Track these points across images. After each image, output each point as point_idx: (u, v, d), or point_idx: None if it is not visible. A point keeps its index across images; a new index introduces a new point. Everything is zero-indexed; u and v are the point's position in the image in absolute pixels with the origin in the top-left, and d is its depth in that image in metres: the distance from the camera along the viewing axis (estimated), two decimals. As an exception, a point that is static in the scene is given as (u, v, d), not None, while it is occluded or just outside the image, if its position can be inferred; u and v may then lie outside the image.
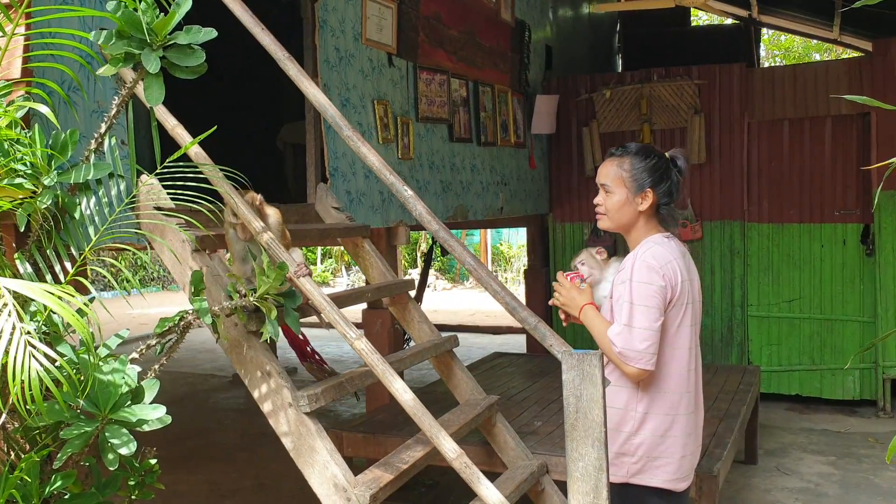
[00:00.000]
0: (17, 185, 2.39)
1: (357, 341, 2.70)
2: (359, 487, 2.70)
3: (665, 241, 2.59)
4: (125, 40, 2.25)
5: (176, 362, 9.97)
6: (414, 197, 2.87)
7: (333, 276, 18.69)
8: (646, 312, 2.44)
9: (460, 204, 6.05)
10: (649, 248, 2.54)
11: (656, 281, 2.46)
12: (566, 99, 7.84)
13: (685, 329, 2.55)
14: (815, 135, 7.10)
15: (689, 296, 2.56)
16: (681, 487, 2.61)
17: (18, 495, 2.11)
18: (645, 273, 2.47)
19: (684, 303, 2.53)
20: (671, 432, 2.54)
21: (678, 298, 2.51)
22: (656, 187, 2.58)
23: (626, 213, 2.61)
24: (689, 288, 2.55)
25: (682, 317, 2.53)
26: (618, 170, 2.61)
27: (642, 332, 2.44)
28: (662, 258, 2.51)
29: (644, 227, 2.62)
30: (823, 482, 5.36)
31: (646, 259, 2.50)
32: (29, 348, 1.81)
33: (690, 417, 2.60)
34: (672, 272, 2.50)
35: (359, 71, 4.82)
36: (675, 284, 2.50)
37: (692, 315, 2.57)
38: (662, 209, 2.62)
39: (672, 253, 2.55)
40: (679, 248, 2.63)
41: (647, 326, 2.44)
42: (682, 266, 2.55)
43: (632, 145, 2.66)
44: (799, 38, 17.44)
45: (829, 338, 7.11)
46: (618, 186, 2.60)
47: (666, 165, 2.61)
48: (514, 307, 2.67)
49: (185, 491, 5.38)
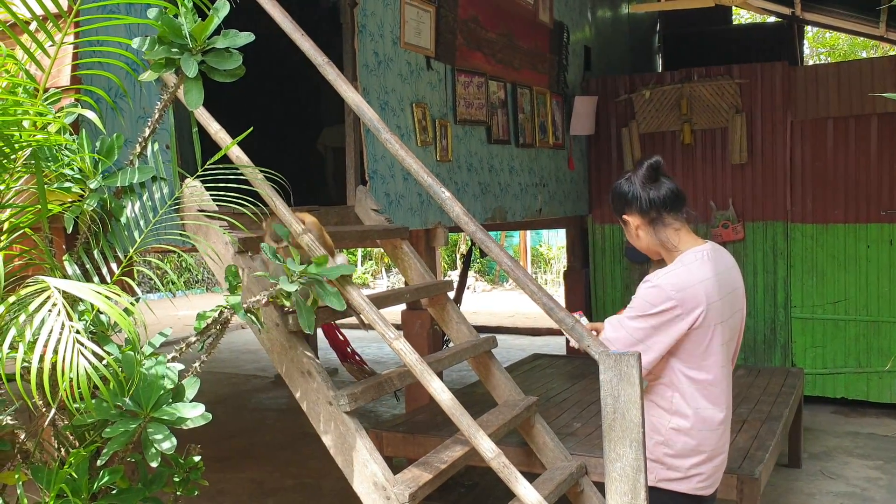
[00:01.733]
0: (65, 188, 2.46)
1: (395, 341, 2.73)
2: (398, 486, 2.73)
3: (699, 257, 2.53)
4: (166, 46, 2.32)
5: (219, 363, 10.14)
6: (451, 199, 2.89)
7: (373, 278, 18.80)
8: (639, 322, 2.46)
9: (499, 206, 6.06)
10: (674, 269, 2.51)
11: (661, 305, 2.43)
12: (605, 100, 7.81)
13: (715, 348, 2.48)
14: (861, 133, 6.97)
15: (719, 315, 2.48)
16: (706, 493, 2.59)
17: (68, 489, 2.17)
18: (654, 296, 2.45)
19: (712, 324, 2.46)
20: (702, 447, 2.52)
21: (703, 321, 2.44)
22: (628, 209, 2.61)
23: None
24: (718, 308, 2.47)
25: (712, 337, 2.47)
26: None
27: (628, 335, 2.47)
28: (684, 283, 2.45)
29: (668, 242, 2.60)
30: (870, 487, 5.27)
31: (661, 283, 2.47)
32: (77, 346, 1.86)
33: (720, 428, 2.56)
34: (692, 297, 2.43)
35: (397, 74, 4.86)
36: (693, 308, 2.42)
37: (725, 332, 2.51)
38: (656, 222, 2.60)
39: (703, 272, 2.48)
40: (716, 260, 2.56)
41: (632, 334, 2.46)
42: (712, 286, 2.47)
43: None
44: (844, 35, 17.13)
45: (875, 340, 6.98)
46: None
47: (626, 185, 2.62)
48: (552, 308, 2.68)
49: (229, 489, 5.46)
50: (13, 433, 2.35)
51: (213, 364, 10.11)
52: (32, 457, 2.36)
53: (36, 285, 1.99)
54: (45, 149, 2.39)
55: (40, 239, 2.43)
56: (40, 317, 1.91)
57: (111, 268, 2.56)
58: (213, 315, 2.44)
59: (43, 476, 2.22)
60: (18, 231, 2.40)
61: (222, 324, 2.48)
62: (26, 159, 2.33)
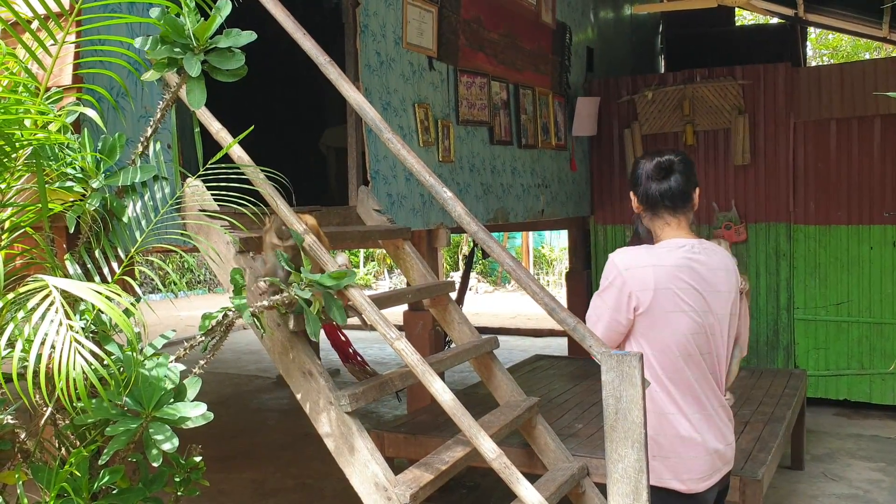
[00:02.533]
0: (67, 188, 2.46)
1: (397, 342, 2.72)
2: (399, 487, 2.72)
3: (669, 246, 2.56)
4: (168, 45, 2.31)
5: (221, 364, 10.13)
6: (453, 198, 2.88)
7: (375, 279, 18.80)
8: (596, 299, 2.60)
9: (501, 206, 6.05)
10: (634, 249, 2.61)
11: (612, 279, 2.54)
12: (607, 101, 7.80)
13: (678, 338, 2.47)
14: (864, 134, 6.96)
15: (676, 305, 2.46)
16: (697, 489, 2.54)
17: (69, 489, 2.16)
18: (606, 269, 2.59)
19: (663, 312, 2.46)
20: (668, 432, 2.50)
21: (649, 306, 2.46)
22: (634, 190, 2.69)
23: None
24: (674, 297, 2.46)
25: (669, 326, 2.46)
26: None
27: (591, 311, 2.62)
28: (631, 262, 2.53)
29: (655, 231, 2.67)
30: (873, 489, 5.25)
31: (614, 258, 2.58)
32: (75, 345, 1.86)
33: (696, 419, 2.52)
34: (636, 278, 2.48)
35: (399, 75, 4.86)
36: (637, 291, 2.47)
37: (691, 326, 2.48)
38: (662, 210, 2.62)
39: (661, 258, 2.50)
40: (694, 257, 2.53)
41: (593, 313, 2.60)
42: (666, 272, 2.47)
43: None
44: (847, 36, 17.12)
45: (878, 341, 6.96)
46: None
47: (639, 168, 2.68)
48: (554, 308, 2.67)
49: (230, 489, 5.46)
50: (13, 432, 2.34)
51: (215, 364, 10.11)
52: (33, 456, 2.36)
53: (34, 284, 1.98)
54: (47, 147, 2.39)
55: (41, 238, 2.43)
56: (38, 315, 1.90)
57: (112, 267, 2.55)
58: (217, 316, 2.44)
59: (43, 475, 2.21)
60: (19, 230, 2.39)
61: (227, 325, 2.48)
62: (27, 158, 2.32)
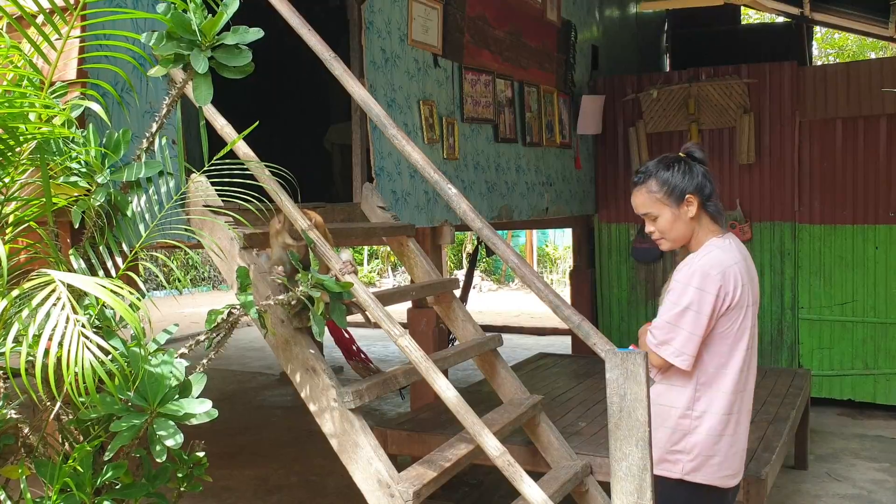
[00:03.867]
0: (72, 182, 2.46)
1: (401, 338, 2.71)
2: (402, 484, 2.72)
3: (725, 244, 2.58)
4: (175, 41, 2.31)
5: (225, 360, 10.14)
6: (458, 195, 2.88)
7: (379, 277, 18.79)
8: (694, 318, 2.46)
9: (505, 204, 6.04)
10: (709, 252, 2.55)
11: (710, 289, 2.46)
12: (612, 99, 7.79)
13: (745, 331, 2.54)
14: (869, 134, 6.95)
15: (749, 298, 2.54)
16: (730, 484, 2.62)
17: (72, 483, 2.16)
18: (700, 279, 2.48)
19: (744, 305, 2.52)
20: (727, 431, 2.55)
21: (738, 302, 2.50)
22: (693, 190, 2.57)
23: (679, 227, 2.61)
24: (749, 291, 2.54)
25: (742, 319, 2.53)
26: (649, 193, 2.62)
27: (687, 335, 2.46)
28: (722, 264, 2.50)
29: (701, 231, 2.61)
30: (877, 489, 5.24)
31: (703, 265, 2.50)
32: (82, 339, 1.85)
33: (743, 416, 2.61)
34: (731, 277, 2.49)
35: (404, 72, 4.85)
36: (733, 289, 2.49)
37: (752, 316, 2.57)
38: (709, 206, 2.61)
39: (733, 257, 2.54)
40: (740, 249, 2.61)
41: (693, 331, 2.46)
42: (742, 269, 2.53)
43: (649, 165, 2.67)
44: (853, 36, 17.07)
45: (883, 341, 6.94)
46: (660, 208, 2.61)
47: (688, 165, 2.61)
48: (558, 305, 2.66)
49: (233, 486, 5.46)
50: (17, 427, 2.34)
51: (219, 361, 10.07)
52: (36, 451, 2.36)
53: (40, 278, 1.98)
54: (51, 142, 2.38)
55: (45, 233, 2.42)
56: (44, 310, 1.90)
57: (117, 263, 2.55)
58: (223, 313, 2.43)
59: (47, 470, 2.21)
60: (23, 224, 2.39)
61: (232, 323, 2.48)
62: (31, 152, 2.32)
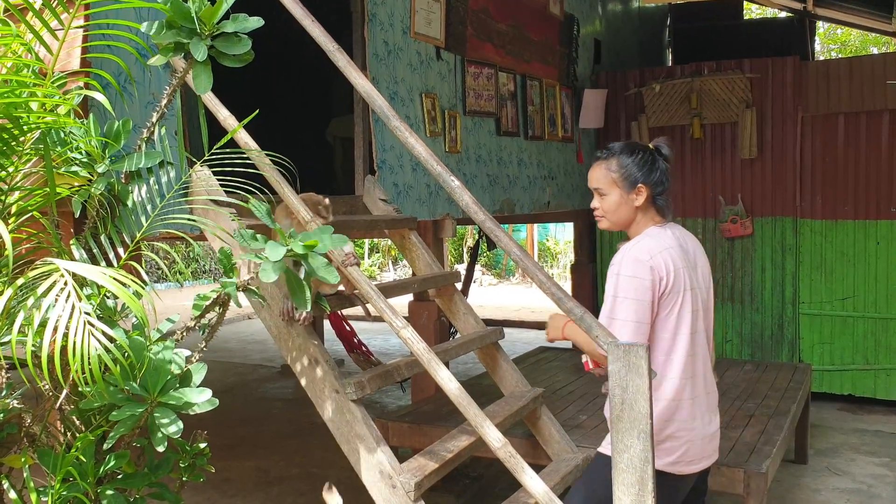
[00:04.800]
0: (73, 172, 2.45)
1: (403, 330, 2.72)
2: (404, 475, 2.72)
3: (660, 231, 2.63)
4: (175, 30, 2.30)
5: (227, 353, 10.16)
6: (461, 187, 2.87)
7: (380, 271, 18.80)
8: (630, 305, 2.48)
9: (507, 198, 6.04)
10: (640, 240, 2.60)
11: (642, 275, 2.49)
12: (615, 93, 7.78)
13: (685, 315, 2.56)
14: (872, 129, 6.93)
15: (687, 283, 2.56)
16: (686, 471, 2.62)
17: (75, 473, 2.17)
18: (631, 267, 2.52)
19: (680, 290, 2.54)
20: (676, 416, 2.56)
21: (671, 287, 2.52)
22: (647, 181, 2.63)
23: (623, 211, 2.67)
24: (685, 275, 2.56)
25: (681, 304, 2.55)
26: (607, 171, 2.68)
27: (625, 325, 2.48)
28: (652, 250, 2.54)
29: (642, 220, 2.67)
30: (876, 483, 5.25)
31: (634, 253, 2.55)
32: (88, 327, 1.85)
33: (697, 402, 2.61)
34: (662, 262, 2.52)
35: (407, 64, 4.85)
36: (665, 274, 2.51)
37: (692, 301, 2.58)
38: (658, 200, 2.66)
39: (665, 242, 2.58)
40: (677, 236, 2.65)
41: (630, 318, 2.48)
42: (677, 255, 2.56)
43: (616, 145, 2.72)
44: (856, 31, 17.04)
45: (884, 337, 6.94)
46: (610, 187, 2.67)
47: (652, 157, 2.66)
48: (561, 298, 2.66)
49: (234, 477, 5.47)
50: (20, 417, 2.35)
51: (220, 353, 10.13)
52: (39, 440, 2.36)
53: (44, 267, 1.98)
54: (54, 132, 2.38)
55: (48, 223, 2.42)
56: (49, 299, 1.90)
57: (118, 253, 2.55)
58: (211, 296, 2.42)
59: (49, 460, 2.22)
60: (26, 214, 2.39)
61: (221, 305, 2.46)
62: (34, 142, 2.32)
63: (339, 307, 3.32)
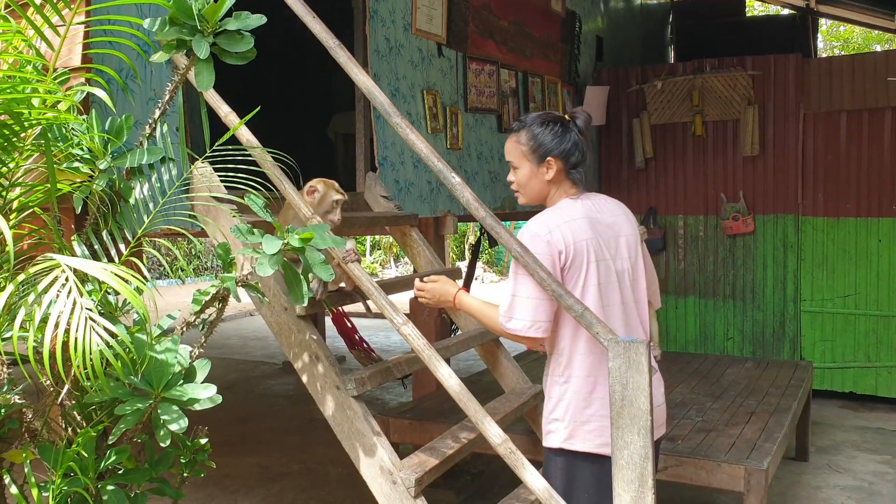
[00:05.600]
0: (74, 168, 2.46)
1: (404, 326, 2.72)
2: (404, 471, 2.72)
3: (569, 203, 2.54)
4: (177, 27, 2.30)
5: (228, 349, 10.17)
6: (461, 184, 2.87)
7: (382, 268, 18.80)
8: (529, 281, 2.43)
9: (509, 195, 6.04)
10: (542, 215, 2.53)
11: (540, 249, 2.44)
12: (617, 90, 7.77)
13: (590, 288, 2.47)
14: (874, 126, 6.93)
15: (591, 255, 2.46)
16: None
17: (76, 468, 2.17)
18: (529, 242, 2.46)
19: (583, 263, 2.46)
20: (595, 395, 2.50)
21: (573, 260, 2.45)
22: (558, 153, 2.54)
23: (534, 185, 2.60)
24: (588, 248, 2.46)
25: (585, 277, 2.47)
26: (517, 144, 2.60)
27: (527, 301, 2.44)
28: (550, 224, 2.47)
29: (556, 194, 2.59)
30: (878, 481, 5.25)
31: (532, 228, 2.49)
32: (90, 323, 1.86)
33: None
34: (561, 236, 2.44)
35: (408, 61, 4.84)
36: (564, 248, 2.44)
37: (598, 274, 2.48)
38: (573, 173, 2.58)
39: (569, 214, 2.49)
40: (587, 207, 2.55)
41: (531, 295, 2.44)
42: (580, 227, 2.47)
43: (529, 116, 2.62)
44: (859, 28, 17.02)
45: (885, 334, 6.94)
46: (521, 160, 2.59)
47: (564, 129, 2.55)
48: (561, 294, 2.66)
49: (236, 473, 5.48)
50: (21, 412, 2.35)
51: (222, 350, 10.14)
52: (40, 436, 2.37)
53: (45, 263, 1.98)
54: (55, 127, 2.38)
55: (50, 219, 2.43)
56: (51, 295, 1.90)
57: (119, 249, 2.55)
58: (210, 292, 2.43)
59: (50, 455, 2.22)
60: (28, 210, 2.40)
61: (221, 300, 2.46)
62: (35, 138, 2.32)
63: (340, 304, 3.32)
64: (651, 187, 7.76)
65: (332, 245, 2.33)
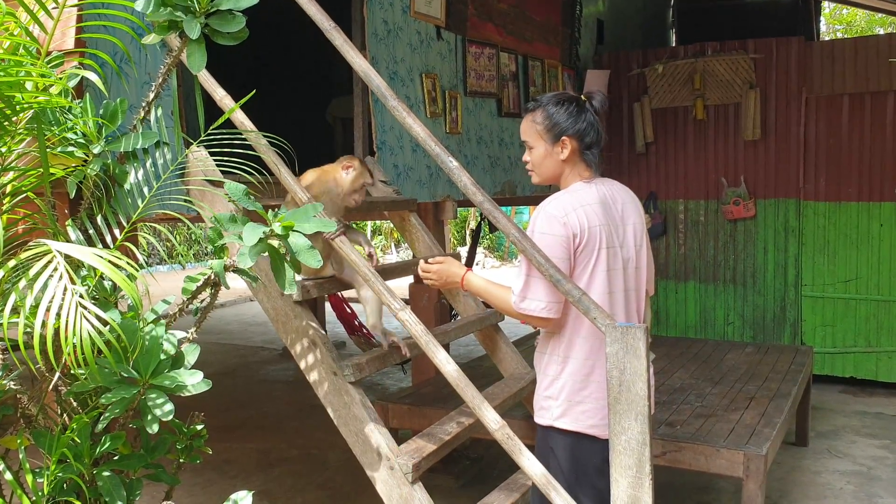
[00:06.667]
0: (68, 153, 2.43)
1: (401, 312, 2.70)
2: (402, 457, 2.72)
3: (583, 186, 2.56)
4: (169, 8, 2.28)
5: (228, 335, 10.17)
6: (459, 168, 2.85)
7: (383, 253, 18.79)
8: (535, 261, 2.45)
9: (508, 179, 6.01)
10: (557, 196, 2.54)
11: (556, 231, 2.45)
12: (617, 74, 7.73)
13: (598, 274, 2.50)
14: (876, 110, 6.89)
15: (602, 241, 2.49)
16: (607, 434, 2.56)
17: (70, 454, 2.16)
18: (545, 223, 2.48)
19: (595, 248, 2.48)
20: (592, 377, 2.54)
21: (585, 244, 2.47)
22: (573, 132, 2.55)
23: (549, 165, 2.61)
24: (601, 234, 2.49)
25: (594, 263, 2.49)
26: (532, 123, 2.61)
27: (539, 282, 2.46)
28: (567, 206, 2.48)
29: (570, 175, 2.60)
30: (877, 465, 5.25)
31: (548, 209, 2.50)
32: (81, 310, 1.84)
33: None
34: (577, 219, 2.46)
35: (407, 44, 4.80)
36: (579, 231, 2.46)
37: (607, 260, 2.51)
38: (587, 154, 2.59)
39: (584, 198, 2.51)
40: (601, 192, 2.57)
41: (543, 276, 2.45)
42: (594, 212, 2.49)
43: (544, 96, 2.63)
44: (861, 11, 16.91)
45: (886, 319, 6.93)
46: (536, 140, 2.60)
47: (579, 109, 2.56)
48: (559, 279, 2.64)
49: (235, 458, 5.49)
50: (16, 398, 2.34)
51: (222, 335, 10.14)
52: (35, 422, 2.35)
53: (37, 248, 1.96)
54: (48, 112, 2.36)
55: (43, 203, 2.41)
56: (42, 281, 1.89)
57: (114, 234, 2.53)
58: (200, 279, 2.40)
59: (45, 441, 2.21)
60: (21, 195, 2.37)
61: (213, 286, 2.44)
62: (28, 122, 2.30)
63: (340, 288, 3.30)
64: (652, 172, 7.73)
65: (321, 229, 2.30)
